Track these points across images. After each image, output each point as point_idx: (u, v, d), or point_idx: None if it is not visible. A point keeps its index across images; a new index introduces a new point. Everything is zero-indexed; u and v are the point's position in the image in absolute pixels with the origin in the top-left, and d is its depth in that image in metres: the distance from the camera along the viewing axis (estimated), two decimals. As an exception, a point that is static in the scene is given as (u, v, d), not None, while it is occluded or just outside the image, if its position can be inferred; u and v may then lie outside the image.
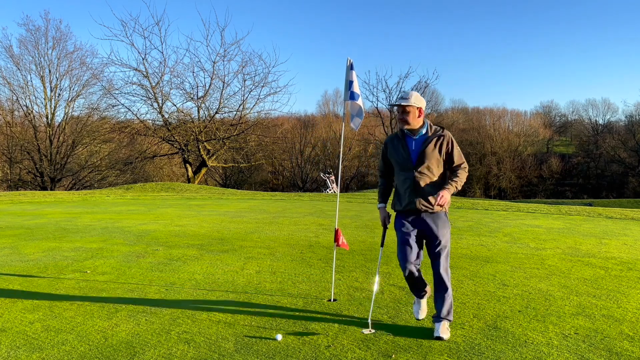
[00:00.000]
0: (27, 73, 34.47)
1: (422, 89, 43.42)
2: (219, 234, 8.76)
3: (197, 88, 34.02)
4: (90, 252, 6.98)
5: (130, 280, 5.35)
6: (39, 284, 5.18)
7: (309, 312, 4.17)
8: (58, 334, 3.69)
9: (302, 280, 5.27)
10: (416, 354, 3.26)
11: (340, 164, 5.27)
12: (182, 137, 33.32)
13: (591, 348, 3.36)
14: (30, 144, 34.45)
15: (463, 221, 10.72)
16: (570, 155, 62.07)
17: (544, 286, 5.00)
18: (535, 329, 3.74)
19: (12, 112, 35.60)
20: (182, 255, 6.72)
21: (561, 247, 7.36)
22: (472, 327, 3.78)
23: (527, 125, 63.92)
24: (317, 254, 6.76)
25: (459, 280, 5.26)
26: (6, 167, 36.29)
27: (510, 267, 5.89)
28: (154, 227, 9.68)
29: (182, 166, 37.22)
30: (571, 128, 71.06)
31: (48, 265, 6.16)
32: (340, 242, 4.59)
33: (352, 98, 4.61)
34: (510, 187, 51.20)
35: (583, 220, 11.15)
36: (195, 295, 4.71)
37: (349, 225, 9.88)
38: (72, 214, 12.68)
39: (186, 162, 34.74)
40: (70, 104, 35.70)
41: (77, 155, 36.80)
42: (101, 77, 35.17)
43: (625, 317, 4.02)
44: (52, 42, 34.63)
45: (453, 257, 6.54)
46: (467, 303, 4.42)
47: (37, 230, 9.38)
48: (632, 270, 5.80)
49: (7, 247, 7.54)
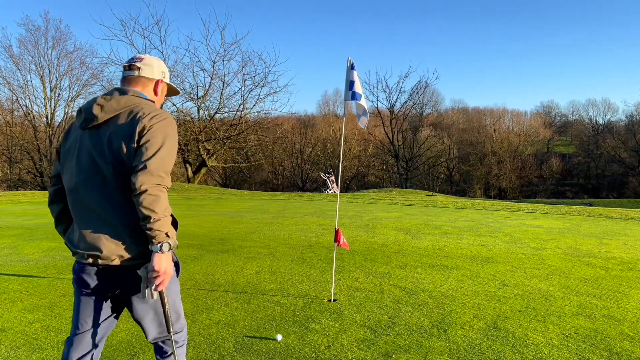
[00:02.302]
0: (27, 73, 34.47)
1: (422, 89, 43.45)
2: (219, 234, 8.75)
3: (197, 88, 34.03)
4: (90, 252, 6.97)
5: (130, 280, 5.34)
6: (39, 284, 5.17)
7: (309, 312, 4.17)
8: (58, 334, 3.69)
9: (302, 280, 5.27)
10: (416, 354, 3.26)
11: (340, 164, 5.27)
12: (182, 137, 33.30)
13: (591, 348, 3.36)
14: (30, 144, 34.46)
15: (463, 221, 10.72)
16: (570, 155, 62.09)
17: (544, 286, 4.99)
18: (536, 329, 3.74)
19: (12, 112, 35.60)
20: (182, 255, 6.71)
21: (561, 247, 7.36)
22: (472, 327, 3.77)
23: (528, 125, 63.95)
24: (317, 254, 6.75)
25: (459, 280, 5.26)
26: (6, 167, 36.31)
27: (511, 267, 5.89)
28: (154, 227, 9.68)
29: (182, 166, 37.16)
30: (571, 128, 71.10)
31: (48, 265, 6.16)
32: (340, 242, 4.59)
33: (354, 98, 4.60)
34: (511, 187, 51.21)
35: (583, 220, 11.14)
36: (195, 295, 4.71)
37: (349, 225, 9.88)
38: (72, 214, 12.68)
39: (186, 162, 34.75)
40: (70, 104, 35.67)
41: (77, 155, 36.81)
42: (101, 77, 35.14)
43: (625, 317, 4.01)
44: (52, 42, 34.63)
45: (453, 257, 6.55)
46: (467, 303, 4.41)
47: (37, 230, 9.38)
48: (632, 270, 5.80)
49: (7, 247, 7.54)
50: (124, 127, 1.97)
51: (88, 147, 2.04)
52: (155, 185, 1.88)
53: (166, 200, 1.92)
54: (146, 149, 1.92)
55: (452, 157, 54.76)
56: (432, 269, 5.77)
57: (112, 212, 2.00)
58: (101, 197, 2.00)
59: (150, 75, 2.21)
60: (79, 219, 2.08)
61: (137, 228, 1.97)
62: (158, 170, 1.89)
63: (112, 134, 1.99)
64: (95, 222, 2.02)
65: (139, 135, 1.96)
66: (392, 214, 12.19)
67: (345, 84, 4.67)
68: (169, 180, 1.95)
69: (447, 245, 7.42)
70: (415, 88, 43.20)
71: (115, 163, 1.96)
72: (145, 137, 1.95)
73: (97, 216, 2.01)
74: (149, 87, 2.22)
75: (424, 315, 4.05)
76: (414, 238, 8.15)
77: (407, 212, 12.95)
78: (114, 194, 1.99)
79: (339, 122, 52.25)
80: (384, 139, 45.34)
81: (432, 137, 51.68)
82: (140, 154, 1.92)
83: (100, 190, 2.00)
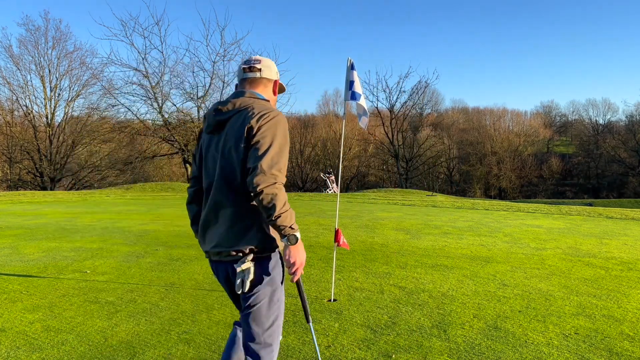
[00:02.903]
0: (27, 73, 34.49)
1: (422, 89, 43.46)
2: (219, 234, 8.75)
3: (197, 88, 34.02)
4: (90, 252, 6.97)
5: (130, 280, 5.35)
6: (39, 284, 5.17)
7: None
8: (58, 334, 3.69)
9: (302, 280, 5.26)
10: (416, 354, 3.26)
11: (340, 164, 5.27)
12: (182, 137, 33.31)
13: (591, 348, 3.36)
14: (30, 144, 34.45)
15: (463, 221, 10.72)
16: (570, 155, 62.10)
17: (544, 286, 4.99)
18: (536, 329, 3.74)
19: (12, 112, 35.59)
20: (182, 255, 6.71)
21: (561, 247, 7.36)
22: (472, 327, 3.77)
23: (528, 125, 63.96)
24: (317, 254, 6.75)
25: (459, 280, 5.26)
26: (6, 167, 36.29)
27: (511, 267, 5.89)
28: (154, 227, 9.68)
29: (182, 166, 37.19)
30: (571, 128, 71.10)
31: (48, 265, 6.16)
32: (340, 242, 4.59)
33: (353, 98, 4.60)
34: (511, 187, 51.22)
35: (583, 220, 11.14)
36: (195, 295, 4.71)
37: (349, 225, 9.88)
38: (72, 214, 12.68)
39: (186, 162, 34.72)
40: (70, 104, 35.71)
41: (77, 155, 36.81)
42: (101, 77, 35.16)
43: (625, 317, 4.01)
44: (52, 42, 34.65)
45: (453, 257, 6.55)
46: (467, 303, 4.41)
47: (37, 230, 9.38)
48: (632, 270, 5.80)
49: (7, 247, 7.54)
50: (237, 128, 2.08)
51: (212, 151, 2.19)
52: (271, 184, 1.96)
53: (284, 196, 1.99)
54: (256, 149, 2.01)
55: (452, 157, 54.76)
56: (432, 269, 5.77)
57: (236, 211, 2.10)
58: (225, 197, 2.11)
59: (270, 76, 2.30)
60: (209, 217, 2.19)
61: (255, 224, 2.09)
62: (270, 169, 1.97)
63: (227, 136, 2.11)
64: (222, 220, 2.13)
65: (248, 136, 2.05)
66: (392, 214, 12.19)
67: (345, 84, 4.66)
68: (283, 177, 2.03)
69: (447, 245, 7.42)
70: (415, 88, 43.11)
71: (233, 164, 2.08)
72: (255, 138, 2.03)
73: (223, 215, 2.13)
74: (269, 88, 2.32)
75: (424, 315, 4.05)
76: (414, 238, 8.15)
77: (407, 212, 12.95)
78: (236, 193, 2.09)
79: (339, 122, 52.24)
80: (384, 139, 45.30)
81: (432, 137, 51.67)
82: (252, 155, 2.01)
83: (224, 191, 2.12)
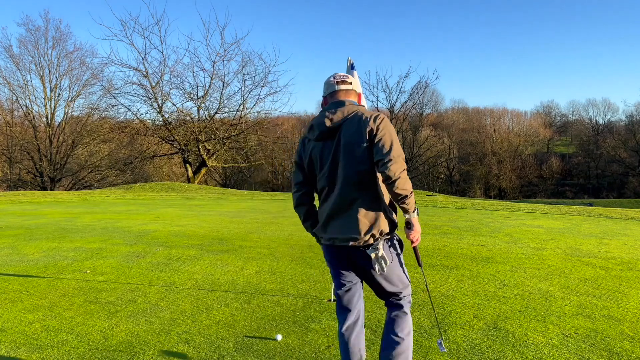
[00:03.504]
0: (27, 73, 34.53)
1: (422, 89, 43.47)
2: (219, 234, 8.76)
3: (197, 88, 34.07)
4: (90, 252, 6.97)
5: (130, 280, 5.35)
6: (39, 284, 5.17)
7: (309, 312, 4.17)
8: (58, 334, 3.69)
9: (302, 280, 5.27)
10: (416, 354, 3.26)
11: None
12: (182, 137, 33.33)
13: (591, 348, 3.36)
14: (30, 144, 34.47)
15: (463, 221, 10.72)
16: (570, 155, 62.12)
17: (544, 286, 4.99)
18: (536, 329, 3.74)
19: (12, 112, 35.63)
20: (182, 255, 6.71)
21: (561, 247, 7.36)
22: (472, 327, 3.77)
23: (528, 125, 64.01)
24: (317, 254, 6.75)
25: (459, 280, 5.26)
26: (6, 167, 36.31)
27: (511, 267, 5.89)
28: (154, 227, 9.68)
29: (182, 166, 37.22)
30: (571, 128, 71.11)
31: (48, 265, 6.16)
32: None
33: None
34: (511, 187, 51.24)
35: (583, 220, 11.14)
36: (195, 295, 4.71)
37: (349, 225, 9.87)
38: (72, 214, 12.68)
39: (186, 162, 34.75)
40: (70, 104, 35.74)
41: (77, 155, 36.82)
42: (101, 77, 35.23)
43: (625, 317, 4.01)
44: (52, 42, 34.69)
45: (453, 257, 6.55)
46: (467, 303, 4.41)
47: (37, 230, 9.38)
48: (632, 270, 5.80)
49: (7, 247, 7.54)
50: (354, 130, 2.40)
51: (326, 154, 2.50)
52: (403, 170, 2.32)
53: (409, 180, 2.38)
54: (383, 145, 2.33)
55: (452, 157, 54.78)
56: (432, 269, 5.77)
57: (364, 201, 2.44)
58: (355, 191, 2.43)
59: (358, 89, 2.72)
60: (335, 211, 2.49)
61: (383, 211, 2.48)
62: (400, 159, 2.32)
63: (345, 140, 2.42)
64: (352, 212, 2.45)
65: (369, 135, 2.38)
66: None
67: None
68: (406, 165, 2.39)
69: (447, 245, 7.42)
70: (415, 88, 43.21)
71: (357, 161, 2.39)
72: (378, 136, 2.36)
73: (353, 207, 2.44)
74: (356, 99, 2.68)
75: (424, 315, 4.05)
76: (414, 238, 8.14)
77: (407, 212, 12.93)
78: (364, 187, 2.43)
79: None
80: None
81: (432, 137, 51.70)
82: (379, 150, 2.33)
83: (351, 186, 2.43)
